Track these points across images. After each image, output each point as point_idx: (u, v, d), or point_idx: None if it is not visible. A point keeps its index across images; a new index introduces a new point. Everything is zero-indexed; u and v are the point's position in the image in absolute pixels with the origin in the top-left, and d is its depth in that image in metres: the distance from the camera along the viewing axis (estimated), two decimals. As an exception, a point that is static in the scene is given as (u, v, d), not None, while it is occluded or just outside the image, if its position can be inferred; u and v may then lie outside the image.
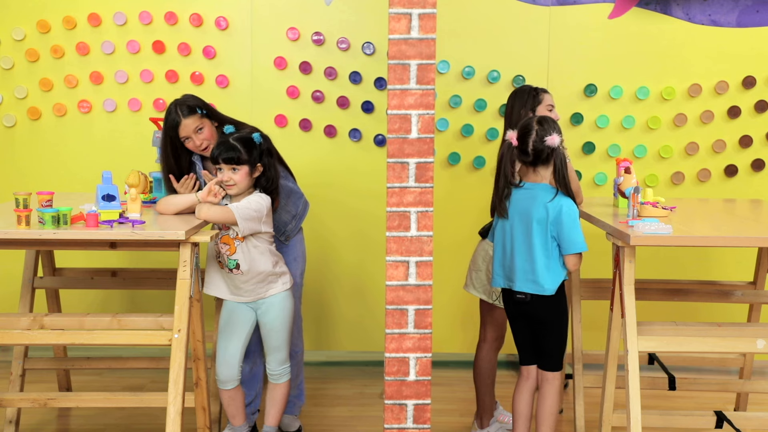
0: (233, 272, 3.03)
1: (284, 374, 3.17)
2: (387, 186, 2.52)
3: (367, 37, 4.24)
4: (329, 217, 4.34)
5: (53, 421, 3.68)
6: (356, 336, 4.46)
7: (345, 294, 4.43)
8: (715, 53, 4.22)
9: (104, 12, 4.24)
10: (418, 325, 2.56)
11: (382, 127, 4.28)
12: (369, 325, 4.41)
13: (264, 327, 3.12)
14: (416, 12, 2.46)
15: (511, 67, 4.25)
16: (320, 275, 4.38)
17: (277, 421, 3.20)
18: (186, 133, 3.14)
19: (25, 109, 4.29)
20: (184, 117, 3.12)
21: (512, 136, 2.94)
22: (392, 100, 2.49)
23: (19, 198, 2.72)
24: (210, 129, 3.18)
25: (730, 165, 4.29)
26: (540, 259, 2.90)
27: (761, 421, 3.33)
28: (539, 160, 2.92)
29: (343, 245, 4.40)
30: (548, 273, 2.91)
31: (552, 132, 2.89)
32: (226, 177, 2.95)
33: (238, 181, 2.95)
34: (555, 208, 2.87)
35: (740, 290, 3.60)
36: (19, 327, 2.88)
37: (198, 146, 3.16)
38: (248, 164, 2.95)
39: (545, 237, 2.89)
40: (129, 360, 3.70)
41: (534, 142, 2.89)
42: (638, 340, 2.76)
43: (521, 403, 3.08)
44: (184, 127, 3.13)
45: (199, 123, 3.14)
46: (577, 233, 2.88)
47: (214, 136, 3.18)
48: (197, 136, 3.14)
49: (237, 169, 2.94)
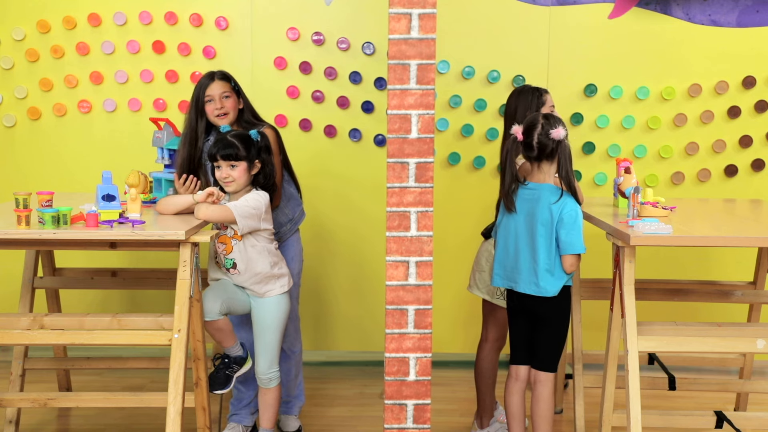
0: (230, 272, 3.04)
1: (274, 378, 3.16)
2: (387, 186, 2.52)
3: (367, 37, 4.24)
4: (329, 216, 4.34)
5: (53, 421, 3.68)
6: (356, 336, 4.46)
7: (345, 294, 4.43)
8: (715, 53, 4.22)
9: (104, 12, 4.24)
10: (418, 325, 2.56)
11: (382, 127, 4.28)
12: (369, 325, 4.41)
13: (257, 326, 3.12)
14: (416, 12, 2.46)
15: (511, 67, 4.25)
16: (320, 275, 4.38)
17: (273, 423, 3.20)
18: (212, 92, 3.22)
19: (25, 109, 4.29)
20: (217, 78, 3.24)
21: (518, 131, 2.94)
22: (392, 100, 2.49)
23: (19, 198, 2.72)
24: (234, 102, 3.27)
25: (730, 165, 4.29)
26: (543, 262, 2.89)
27: (761, 421, 3.33)
28: (544, 155, 2.91)
29: (342, 245, 4.40)
30: (551, 276, 2.90)
31: (557, 125, 2.90)
32: (224, 174, 2.96)
33: (237, 177, 2.96)
34: (558, 210, 2.87)
35: (740, 290, 3.60)
36: (19, 327, 2.87)
37: (218, 108, 3.22)
38: (246, 161, 2.97)
39: (549, 239, 2.89)
40: (129, 360, 3.70)
41: (539, 136, 2.89)
42: (638, 340, 2.76)
43: (513, 405, 3.08)
44: (213, 87, 3.22)
45: (228, 91, 3.24)
46: (576, 234, 2.87)
47: (234, 110, 3.26)
48: (220, 100, 3.22)
49: (235, 165, 2.95)
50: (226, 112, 3.24)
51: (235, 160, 2.95)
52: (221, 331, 3.08)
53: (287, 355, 3.46)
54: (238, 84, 3.31)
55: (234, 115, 3.27)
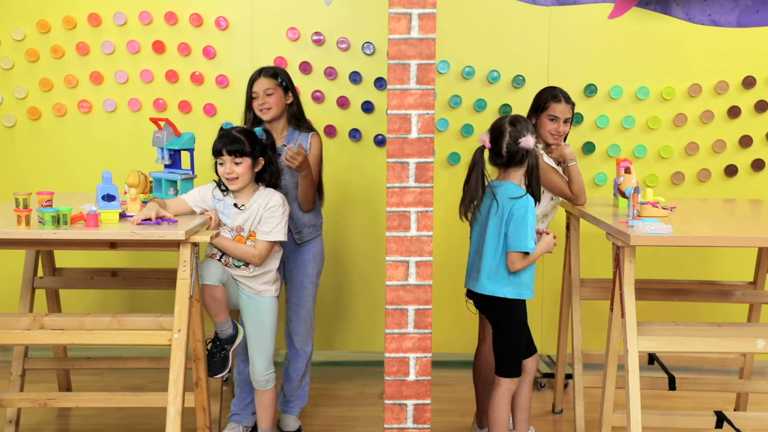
0: (241, 267, 3.06)
1: (270, 380, 3.17)
2: (387, 186, 2.52)
3: (367, 37, 4.24)
4: (328, 217, 4.33)
5: (53, 421, 3.68)
6: (356, 336, 4.46)
7: (345, 294, 4.43)
8: (715, 53, 4.22)
9: (104, 12, 4.23)
10: (418, 325, 2.56)
11: (382, 127, 4.28)
12: (369, 325, 4.41)
13: (253, 327, 3.12)
14: (416, 12, 2.46)
15: (511, 67, 4.25)
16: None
17: (272, 424, 3.21)
18: (258, 89, 3.33)
19: (25, 109, 4.29)
20: (263, 75, 3.35)
21: (485, 139, 2.94)
22: (392, 100, 2.49)
23: (19, 198, 2.72)
24: (279, 98, 3.34)
25: (730, 165, 4.29)
26: (488, 258, 2.93)
27: (761, 421, 3.33)
28: (513, 162, 2.93)
29: (342, 245, 4.40)
30: (495, 274, 2.94)
31: (526, 133, 2.89)
32: (228, 169, 2.97)
33: (241, 173, 2.97)
34: (510, 205, 2.88)
35: (740, 290, 3.61)
36: (19, 327, 2.87)
37: (260, 104, 3.33)
38: (251, 157, 2.98)
39: (498, 236, 2.91)
40: (129, 360, 3.70)
41: (507, 145, 2.90)
42: (638, 340, 2.76)
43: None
44: (258, 84, 3.33)
45: (272, 88, 3.33)
46: (523, 232, 2.86)
47: (279, 105, 3.35)
48: (264, 96, 3.32)
49: (239, 162, 2.96)
50: (269, 107, 3.33)
51: (240, 156, 2.95)
52: (216, 301, 3.00)
53: (298, 354, 3.47)
54: (288, 80, 3.40)
55: (278, 110, 3.35)
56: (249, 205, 3.02)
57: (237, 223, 3.02)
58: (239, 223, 3.02)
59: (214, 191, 3.07)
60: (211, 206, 3.05)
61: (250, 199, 3.03)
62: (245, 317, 3.14)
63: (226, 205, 3.04)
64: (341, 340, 4.48)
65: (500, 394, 3.03)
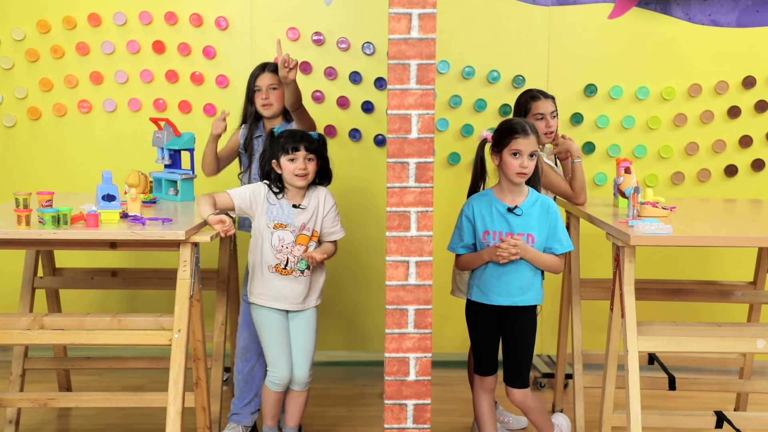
0: (303, 274, 3.06)
1: (309, 382, 3.18)
2: (387, 186, 2.51)
3: (367, 37, 4.24)
4: (329, 217, 4.34)
5: (53, 421, 3.68)
6: (356, 336, 4.46)
7: (344, 294, 4.43)
8: (715, 53, 4.22)
9: (104, 12, 4.24)
10: (418, 325, 2.56)
11: (382, 127, 4.28)
12: (369, 325, 4.41)
13: (298, 335, 3.11)
14: (416, 12, 2.46)
15: (511, 67, 4.25)
16: (320, 275, 4.38)
17: (297, 422, 3.22)
18: (261, 83, 3.35)
19: (25, 109, 4.29)
20: (267, 70, 3.36)
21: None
22: (392, 100, 2.49)
23: (19, 198, 2.72)
24: (281, 95, 3.34)
25: (730, 165, 4.29)
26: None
27: (761, 421, 3.33)
28: None
29: (341, 245, 4.38)
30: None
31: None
32: (302, 165, 2.98)
33: (312, 171, 3.01)
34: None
35: (740, 290, 3.61)
36: (19, 327, 2.88)
37: (263, 99, 3.34)
38: (321, 157, 3.04)
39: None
40: (129, 360, 3.70)
41: None
42: (638, 340, 2.76)
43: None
44: (262, 78, 3.35)
45: (276, 83, 3.34)
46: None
47: (280, 102, 3.35)
48: (267, 91, 3.33)
49: (312, 159, 3.01)
50: (270, 103, 3.34)
51: (315, 154, 3.01)
52: (274, 405, 3.12)
53: None
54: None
55: (279, 107, 3.36)
56: (307, 203, 3.05)
57: (300, 221, 3.04)
58: (303, 221, 3.04)
59: (267, 195, 3.04)
60: (263, 209, 3.02)
61: (303, 198, 3.05)
62: (292, 330, 3.13)
63: (282, 206, 3.03)
64: (341, 340, 4.48)
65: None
